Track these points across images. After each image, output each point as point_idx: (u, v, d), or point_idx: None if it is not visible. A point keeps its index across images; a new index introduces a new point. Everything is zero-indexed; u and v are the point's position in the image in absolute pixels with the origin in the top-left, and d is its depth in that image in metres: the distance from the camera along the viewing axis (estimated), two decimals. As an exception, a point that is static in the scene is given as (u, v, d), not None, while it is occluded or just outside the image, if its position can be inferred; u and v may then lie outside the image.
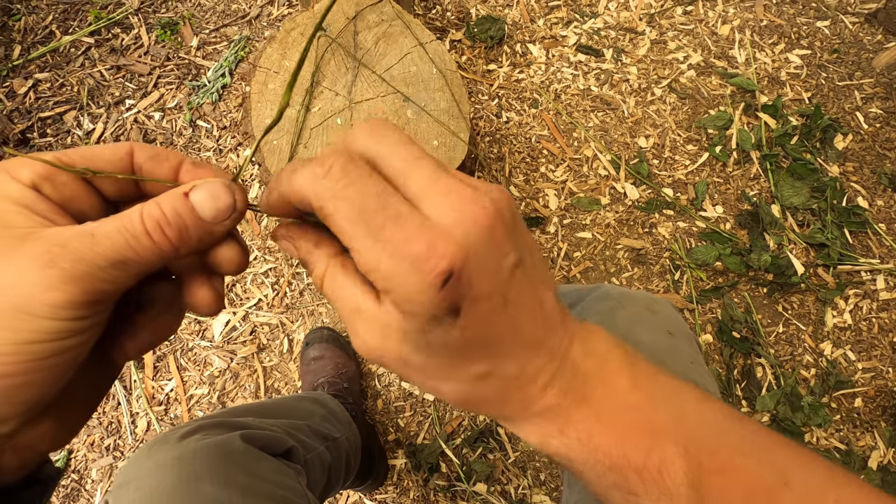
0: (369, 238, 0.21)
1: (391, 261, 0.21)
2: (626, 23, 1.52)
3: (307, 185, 0.22)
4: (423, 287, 0.21)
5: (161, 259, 0.23)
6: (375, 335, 0.23)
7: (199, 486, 0.50)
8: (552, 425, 0.25)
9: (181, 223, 0.23)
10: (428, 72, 0.89)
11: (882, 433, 1.11)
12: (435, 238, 0.21)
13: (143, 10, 1.51)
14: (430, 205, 0.22)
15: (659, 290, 1.23)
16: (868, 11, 1.53)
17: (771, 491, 0.24)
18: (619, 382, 0.26)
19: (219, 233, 0.24)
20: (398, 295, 0.21)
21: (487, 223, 0.22)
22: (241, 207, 0.24)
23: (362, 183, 0.22)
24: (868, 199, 1.31)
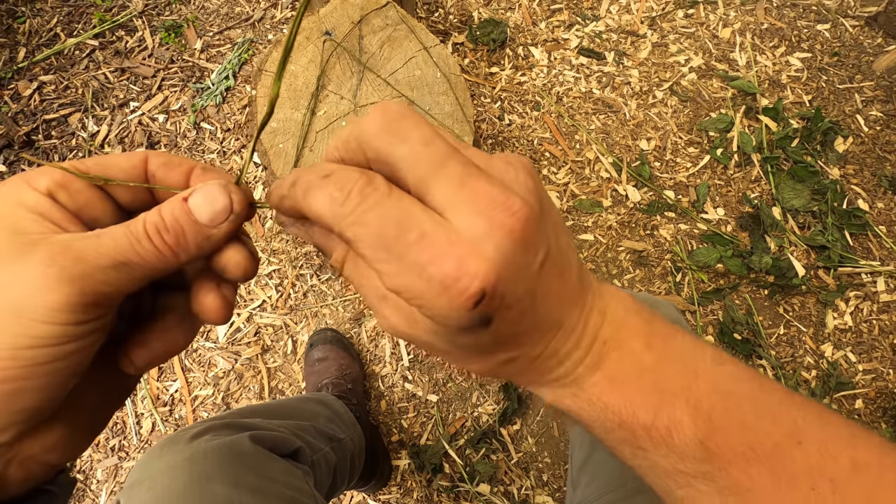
0: (394, 263, 0.21)
1: (419, 282, 0.20)
2: (627, 26, 1.53)
3: (324, 209, 0.22)
4: (454, 308, 0.20)
5: (163, 263, 0.23)
6: (402, 321, 0.23)
7: (210, 487, 0.51)
8: (566, 390, 0.26)
9: (178, 227, 0.23)
10: (432, 75, 0.90)
11: (883, 434, 1.11)
12: (465, 256, 0.20)
13: (147, 13, 1.52)
14: (457, 214, 0.21)
15: (660, 292, 1.24)
16: (868, 15, 1.54)
17: (781, 448, 0.24)
18: (633, 345, 0.26)
19: (217, 236, 0.24)
20: (428, 312, 0.21)
21: (519, 228, 0.21)
22: (238, 209, 0.24)
23: (382, 207, 0.21)
24: (868, 201, 1.31)
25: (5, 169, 1.33)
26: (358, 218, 0.21)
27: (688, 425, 0.24)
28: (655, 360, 0.26)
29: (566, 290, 0.25)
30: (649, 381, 0.25)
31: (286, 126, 0.86)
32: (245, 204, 0.24)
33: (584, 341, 0.26)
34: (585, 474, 0.59)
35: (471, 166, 0.21)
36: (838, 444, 0.24)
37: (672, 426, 0.24)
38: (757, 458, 0.24)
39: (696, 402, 0.25)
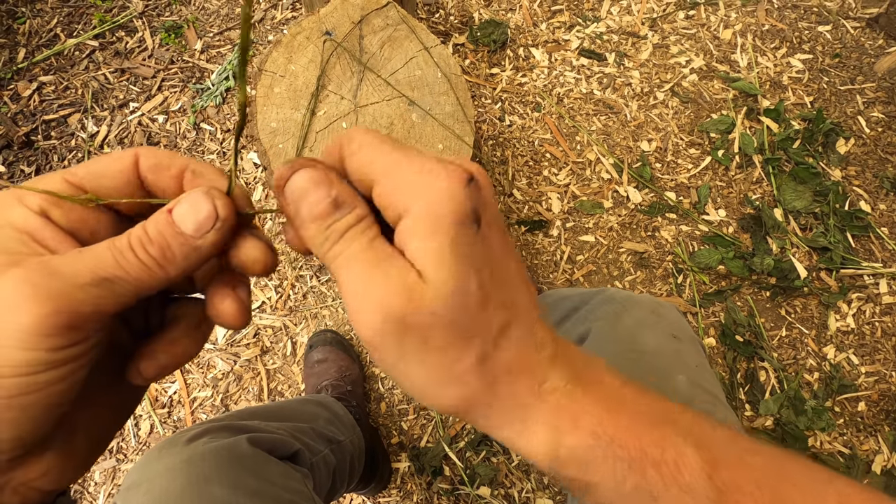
0: (396, 150, 0.23)
1: (419, 175, 0.22)
2: (628, 27, 1.53)
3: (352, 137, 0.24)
4: (452, 184, 0.22)
5: (151, 278, 0.22)
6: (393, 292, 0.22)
7: (208, 489, 0.50)
8: (566, 416, 0.24)
9: (162, 240, 0.22)
10: (433, 76, 0.89)
11: (886, 437, 1.11)
12: (457, 161, 0.24)
13: (148, 14, 1.52)
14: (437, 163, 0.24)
15: (662, 294, 1.23)
16: (869, 16, 1.54)
17: (778, 487, 0.23)
18: (608, 379, 0.25)
19: (204, 246, 0.22)
20: (427, 201, 0.22)
21: (482, 171, 0.24)
22: (224, 215, 0.23)
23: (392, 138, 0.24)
24: (870, 202, 1.31)
25: (4, 169, 1.32)
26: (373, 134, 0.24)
27: (693, 458, 0.23)
28: (634, 393, 0.25)
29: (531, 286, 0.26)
30: (641, 412, 0.24)
31: (286, 126, 0.85)
32: (231, 209, 0.23)
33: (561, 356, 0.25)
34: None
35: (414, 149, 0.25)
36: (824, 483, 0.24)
37: (679, 461, 0.23)
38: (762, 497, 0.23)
39: (695, 437, 0.24)
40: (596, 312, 0.67)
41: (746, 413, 1.13)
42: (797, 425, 1.09)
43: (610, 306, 0.67)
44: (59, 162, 1.34)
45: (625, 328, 0.62)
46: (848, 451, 1.10)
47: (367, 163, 0.23)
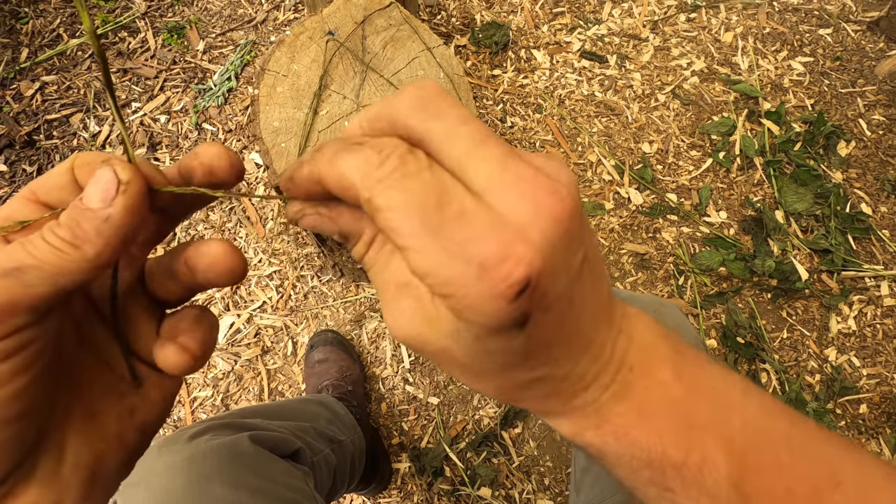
0: (427, 236, 0.18)
1: (454, 263, 0.18)
2: (629, 29, 1.53)
3: (356, 171, 0.19)
4: (492, 297, 0.18)
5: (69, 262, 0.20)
6: (419, 318, 0.20)
7: (209, 487, 0.50)
8: (588, 420, 0.24)
9: (71, 221, 0.20)
10: (435, 76, 0.89)
11: (888, 440, 1.11)
12: (510, 238, 0.18)
13: (150, 15, 1.52)
14: (500, 197, 0.18)
15: (663, 295, 1.23)
16: (870, 20, 1.54)
17: (820, 491, 0.22)
18: (661, 375, 0.24)
19: (116, 215, 0.20)
20: (459, 303, 0.18)
21: (565, 218, 0.19)
22: (126, 177, 0.21)
23: (423, 176, 0.19)
24: (871, 205, 1.31)
25: (6, 168, 1.32)
26: (395, 182, 0.19)
27: (721, 465, 0.22)
28: (685, 393, 0.24)
29: (598, 304, 0.23)
30: (680, 415, 0.23)
31: (288, 125, 0.85)
32: (133, 173, 0.21)
33: (612, 365, 0.23)
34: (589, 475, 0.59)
35: (511, 148, 0.20)
36: (876, 486, 0.23)
37: (704, 465, 0.23)
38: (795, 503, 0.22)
39: (729, 440, 0.23)
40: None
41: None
42: (798, 427, 1.09)
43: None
44: (61, 161, 1.34)
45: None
46: (849, 454, 1.10)
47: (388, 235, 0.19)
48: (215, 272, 0.23)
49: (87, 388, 0.24)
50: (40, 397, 0.21)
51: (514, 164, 0.19)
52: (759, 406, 0.24)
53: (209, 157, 0.23)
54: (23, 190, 0.23)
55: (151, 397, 0.25)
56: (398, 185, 0.18)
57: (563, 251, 0.19)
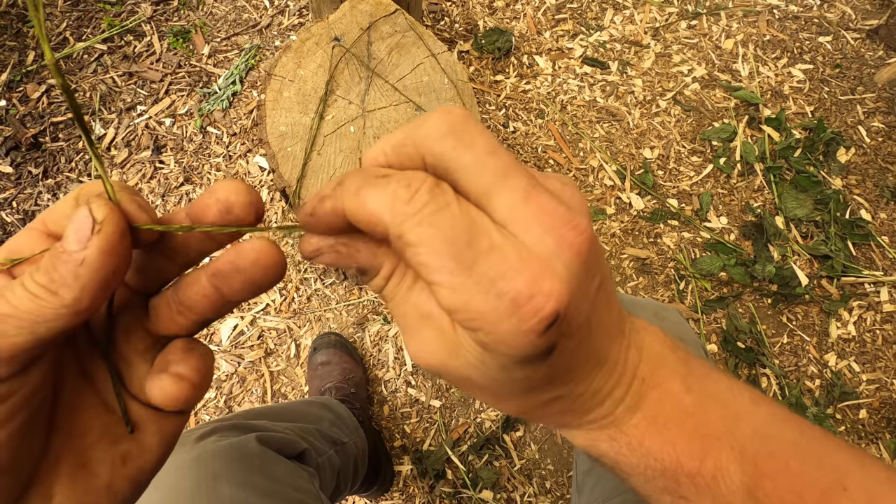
0: (460, 273, 0.18)
1: (485, 300, 0.18)
2: (631, 36, 1.54)
3: (385, 207, 0.19)
4: (523, 332, 0.18)
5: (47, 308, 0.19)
6: (439, 349, 0.21)
7: (217, 487, 0.50)
8: (603, 432, 0.24)
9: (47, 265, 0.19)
10: (439, 82, 0.91)
11: (887, 445, 1.11)
12: (538, 273, 0.18)
13: (156, 19, 1.53)
14: (524, 229, 0.19)
15: (664, 300, 1.24)
16: (869, 28, 1.56)
17: (828, 495, 0.23)
18: (672, 386, 0.24)
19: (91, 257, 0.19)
20: (489, 337, 0.19)
21: (586, 249, 0.19)
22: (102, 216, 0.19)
23: (451, 210, 0.19)
24: (871, 211, 1.32)
25: (12, 170, 1.33)
26: (426, 218, 0.18)
27: (735, 472, 0.23)
28: (696, 402, 0.24)
29: (611, 322, 0.23)
30: (692, 425, 0.24)
31: (294, 130, 0.86)
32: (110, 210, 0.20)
33: (625, 379, 0.24)
34: (591, 477, 0.59)
35: (535, 180, 0.20)
36: (881, 490, 0.23)
37: (718, 473, 0.23)
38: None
39: (741, 448, 0.23)
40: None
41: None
42: (799, 432, 1.09)
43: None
44: (67, 163, 1.35)
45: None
46: (849, 459, 1.10)
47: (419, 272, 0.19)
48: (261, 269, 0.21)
49: (82, 432, 0.23)
50: (23, 451, 0.20)
51: (536, 195, 0.19)
52: (768, 414, 0.25)
53: (226, 192, 0.22)
54: (35, 220, 0.23)
55: (147, 443, 0.24)
56: (429, 221, 0.18)
57: (585, 281, 0.20)
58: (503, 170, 0.20)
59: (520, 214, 0.19)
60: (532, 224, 0.19)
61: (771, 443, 0.24)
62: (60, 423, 0.22)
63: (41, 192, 1.32)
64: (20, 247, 0.22)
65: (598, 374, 0.23)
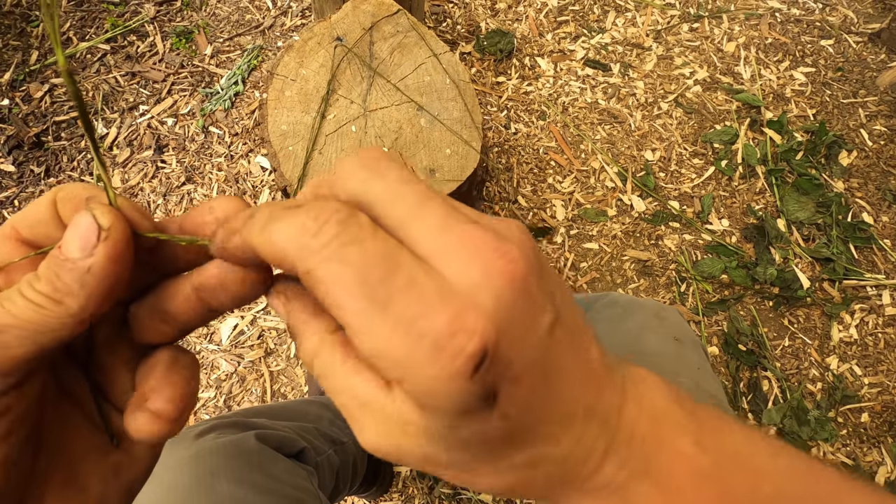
0: (374, 313, 0.16)
1: (404, 342, 0.16)
2: (633, 38, 1.54)
3: (291, 241, 0.17)
4: (449, 376, 0.16)
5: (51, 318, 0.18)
6: (388, 434, 0.19)
7: (214, 484, 0.50)
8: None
9: (50, 273, 0.19)
10: (441, 82, 0.91)
11: (889, 449, 1.10)
12: (460, 308, 0.16)
13: (159, 19, 1.54)
14: (446, 261, 0.17)
15: (665, 302, 1.24)
16: (871, 31, 1.56)
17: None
18: (682, 445, 0.21)
19: (97, 265, 0.19)
20: (415, 387, 0.17)
21: (520, 276, 0.17)
22: (107, 223, 0.19)
23: (366, 243, 0.17)
24: (873, 214, 1.32)
25: (14, 169, 1.34)
26: (335, 252, 0.17)
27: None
28: (712, 463, 0.21)
29: (588, 369, 0.21)
30: (710, 492, 0.21)
31: (296, 129, 0.86)
32: (116, 217, 0.19)
33: (621, 436, 0.21)
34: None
35: (456, 209, 0.19)
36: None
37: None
38: None
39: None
40: (599, 315, 0.68)
41: (749, 423, 1.13)
42: (800, 435, 1.09)
43: (613, 310, 0.67)
44: (69, 162, 1.36)
45: (627, 331, 0.63)
46: (851, 462, 1.10)
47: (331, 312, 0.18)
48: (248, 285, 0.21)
49: (68, 447, 0.22)
50: (20, 469, 0.19)
51: (457, 224, 0.18)
52: (788, 469, 0.23)
53: (224, 211, 0.21)
54: (3, 226, 0.21)
55: (137, 452, 0.23)
56: (338, 256, 0.17)
57: (523, 314, 0.17)
58: (419, 198, 0.18)
59: (440, 244, 0.17)
60: (455, 254, 0.17)
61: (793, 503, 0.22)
62: (45, 439, 0.21)
63: (43, 191, 1.33)
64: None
65: (584, 430, 0.20)
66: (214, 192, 1.32)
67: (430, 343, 0.16)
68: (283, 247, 0.18)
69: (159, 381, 0.21)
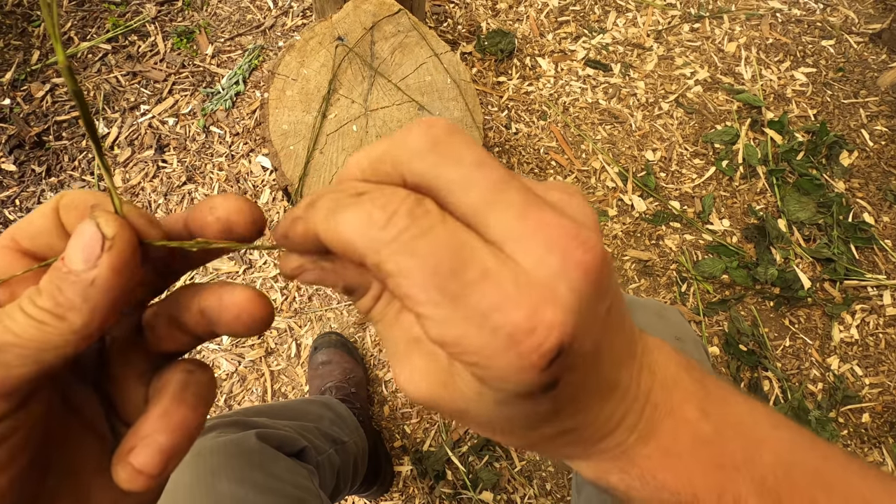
0: (447, 305, 0.16)
1: (479, 334, 0.16)
2: (633, 38, 1.54)
3: (358, 232, 0.17)
4: (522, 369, 0.16)
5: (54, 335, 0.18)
6: (433, 380, 0.18)
7: (215, 483, 0.50)
8: (613, 464, 0.22)
9: (52, 287, 0.18)
10: (442, 81, 0.91)
11: (890, 449, 1.10)
12: (538, 302, 0.16)
13: (160, 19, 1.54)
14: (523, 249, 0.17)
15: (666, 302, 1.24)
16: (872, 32, 1.56)
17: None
18: (687, 411, 0.22)
19: (101, 278, 0.18)
20: (484, 371, 0.17)
21: (594, 269, 0.17)
22: (112, 232, 0.18)
23: (436, 234, 0.17)
24: (874, 215, 1.32)
25: (15, 168, 1.34)
26: (405, 245, 0.16)
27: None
28: (714, 430, 0.22)
29: (623, 346, 0.21)
30: (709, 455, 0.22)
31: (297, 128, 0.86)
32: (121, 226, 0.18)
33: (637, 404, 0.22)
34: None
35: (532, 194, 0.18)
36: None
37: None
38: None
39: (762, 479, 0.22)
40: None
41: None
42: (801, 436, 1.09)
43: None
44: (70, 162, 1.36)
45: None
46: (852, 463, 1.09)
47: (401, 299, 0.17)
48: (241, 324, 0.20)
49: (77, 466, 0.21)
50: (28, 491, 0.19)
51: (536, 210, 0.17)
52: (790, 441, 0.23)
53: (227, 211, 0.20)
54: (1, 237, 0.20)
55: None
56: (408, 249, 0.16)
57: (594, 305, 0.17)
58: (495, 184, 0.17)
59: (517, 232, 0.17)
60: (531, 243, 0.17)
61: (794, 473, 0.22)
62: (52, 460, 0.20)
63: (44, 191, 1.33)
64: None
65: (608, 401, 0.21)
66: (215, 192, 1.32)
67: (505, 336, 0.16)
68: (350, 238, 0.17)
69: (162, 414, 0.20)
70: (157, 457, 0.19)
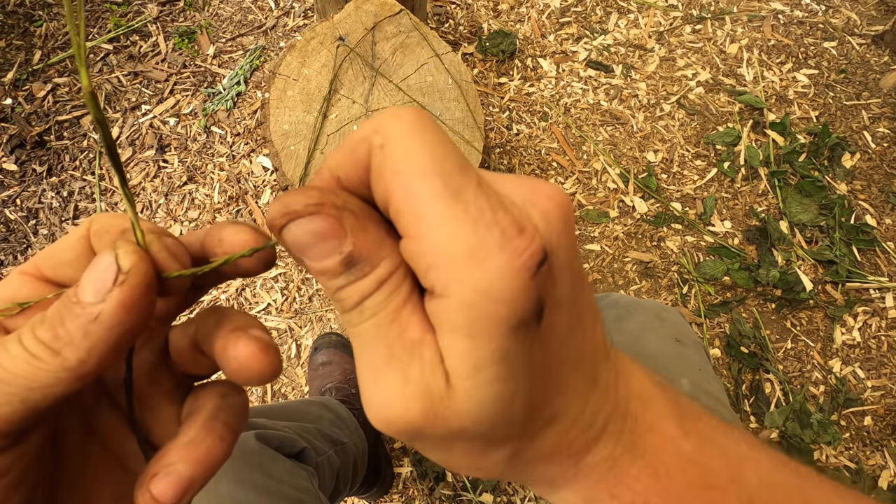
0: (446, 197, 0.16)
1: (474, 230, 0.16)
2: (635, 40, 1.54)
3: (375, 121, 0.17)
4: (514, 271, 0.16)
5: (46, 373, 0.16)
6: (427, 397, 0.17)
7: (215, 485, 0.50)
8: (601, 487, 0.21)
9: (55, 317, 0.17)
10: (444, 82, 0.91)
11: (892, 452, 1.10)
12: (518, 216, 0.16)
13: (162, 19, 1.54)
14: (500, 184, 0.18)
15: (667, 304, 1.23)
16: (875, 33, 1.55)
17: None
18: (667, 428, 0.22)
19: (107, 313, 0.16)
20: (477, 283, 0.16)
21: (567, 205, 0.18)
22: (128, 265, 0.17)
23: (441, 134, 0.17)
24: (876, 217, 1.31)
25: (16, 168, 1.34)
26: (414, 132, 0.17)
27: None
28: (695, 449, 0.22)
29: (598, 337, 0.21)
30: (696, 476, 0.21)
31: (298, 129, 0.86)
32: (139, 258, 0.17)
33: (619, 409, 0.21)
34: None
35: None
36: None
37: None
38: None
39: (749, 500, 0.21)
40: (601, 316, 0.68)
41: (752, 425, 1.13)
42: (802, 438, 1.08)
43: (614, 310, 0.67)
44: (71, 162, 1.36)
45: (628, 331, 0.62)
46: (854, 466, 1.09)
47: (395, 200, 0.17)
48: (243, 378, 0.19)
49: (94, 497, 0.20)
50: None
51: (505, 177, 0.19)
52: (769, 459, 0.23)
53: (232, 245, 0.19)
54: (27, 264, 0.19)
55: None
56: (419, 135, 0.17)
57: (568, 242, 0.18)
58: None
59: (495, 177, 0.18)
60: (508, 181, 0.18)
61: (777, 493, 0.22)
62: (66, 491, 0.19)
63: (45, 190, 1.33)
64: (14, 295, 0.19)
65: (590, 396, 0.20)
66: (216, 192, 1.32)
67: (499, 233, 0.16)
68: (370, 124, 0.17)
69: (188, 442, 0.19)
70: (174, 487, 0.18)
